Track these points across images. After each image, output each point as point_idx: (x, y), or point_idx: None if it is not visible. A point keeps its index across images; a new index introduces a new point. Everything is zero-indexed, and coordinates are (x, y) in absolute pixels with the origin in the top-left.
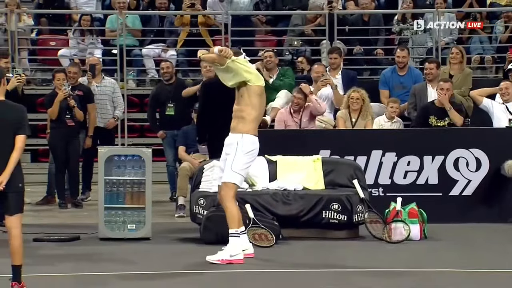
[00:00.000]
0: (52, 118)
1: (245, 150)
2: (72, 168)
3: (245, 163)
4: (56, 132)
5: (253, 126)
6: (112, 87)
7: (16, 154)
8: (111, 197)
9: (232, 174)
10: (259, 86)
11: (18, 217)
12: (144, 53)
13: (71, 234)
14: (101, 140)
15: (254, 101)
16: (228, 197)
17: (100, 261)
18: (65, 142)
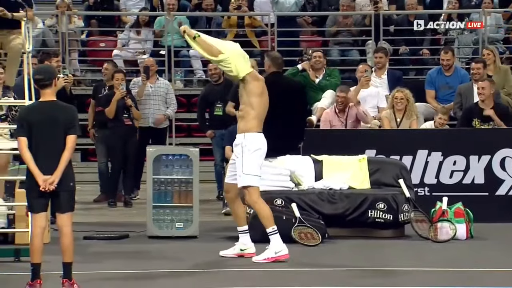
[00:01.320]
0: (109, 118)
1: (251, 148)
2: (129, 167)
3: (255, 162)
4: (114, 131)
5: (255, 124)
6: (166, 88)
7: (67, 154)
8: (159, 196)
9: (246, 178)
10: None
11: (69, 216)
12: (192, 53)
13: (120, 232)
14: (153, 140)
15: (253, 100)
16: (253, 200)
17: (148, 259)
18: (123, 141)
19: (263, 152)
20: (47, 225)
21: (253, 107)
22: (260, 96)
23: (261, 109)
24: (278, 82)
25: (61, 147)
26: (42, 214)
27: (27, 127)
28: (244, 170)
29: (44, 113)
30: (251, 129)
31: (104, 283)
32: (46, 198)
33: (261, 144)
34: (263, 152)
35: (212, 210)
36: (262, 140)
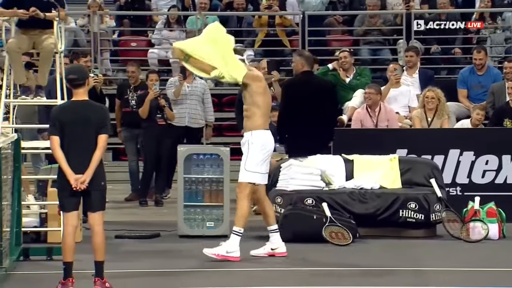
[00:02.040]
0: (143, 118)
1: (257, 146)
2: (162, 167)
3: (260, 159)
4: (147, 131)
5: (261, 122)
6: (203, 88)
7: (99, 153)
8: (190, 195)
9: (246, 174)
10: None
11: (101, 214)
12: None
13: (151, 231)
14: (188, 139)
15: (257, 99)
16: (241, 195)
17: (179, 257)
18: (156, 141)
19: (269, 149)
20: (79, 224)
21: (258, 106)
22: (263, 94)
23: (266, 107)
24: (309, 81)
25: (92, 147)
26: (74, 213)
27: (59, 127)
28: (246, 167)
29: (76, 113)
30: (258, 127)
31: (135, 281)
32: (77, 197)
33: (267, 141)
34: (269, 150)
35: None
36: (268, 138)
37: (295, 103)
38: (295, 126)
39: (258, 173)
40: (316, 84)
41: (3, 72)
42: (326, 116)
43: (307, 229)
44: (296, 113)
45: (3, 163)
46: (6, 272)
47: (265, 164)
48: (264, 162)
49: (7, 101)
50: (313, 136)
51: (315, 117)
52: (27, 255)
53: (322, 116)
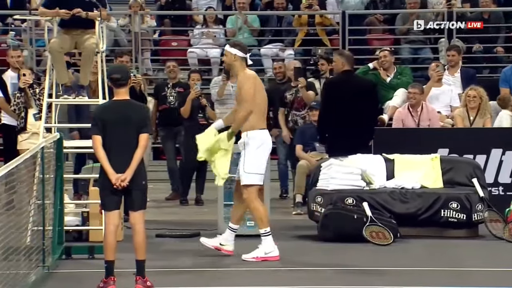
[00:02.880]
0: (184, 117)
1: (254, 146)
2: (203, 166)
3: (258, 159)
4: (189, 130)
5: (256, 121)
6: None
7: (140, 152)
8: (230, 194)
9: (247, 176)
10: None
11: (142, 213)
12: (263, 52)
13: (192, 230)
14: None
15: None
16: (250, 199)
17: (220, 256)
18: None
19: (266, 148)
20: (120, 223)
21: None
22: (256, 93)
23: (261, 106)
24: (349, 80)
25: (133, 146)
26: (115, 212)
27: (101, 126)
28: (245, 169)
29: (117, 112)
30: (253, 127)
31: (176, 280)
32: (118, 196)
33: (264, 139)
34: (267, 148)
35: (280, 208)
36: (265, 136)
37: (335, 103)
38: (335, 125)
39: (259, 174)
40: (356, 83)
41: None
42: (366, 115)
43: (348, 229)
44: (336, 112)
45: (45, 162)
46: (48, 271)
47: (264, 164)
48: (262, 163)
49: (49, 101)
50: (353, 136)
51: (356, 116)
52: (69, 253)
53: (362, 115)
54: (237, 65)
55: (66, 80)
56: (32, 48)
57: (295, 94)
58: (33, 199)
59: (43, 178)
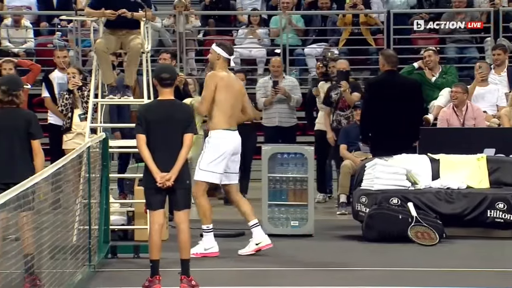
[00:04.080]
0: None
1: (212, 145)
2: (247, 165)
3: (213, 159)
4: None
5: (220, 121)
6: (291, 86)
7: (185, 152)
8: (274, 194)
9: (199, 173)
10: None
11: (186, 213)
12: (307, 52)
13: (236, 230)
14: (282, 139)
15: (215, 97)
16: (197, 195)
17: (263, 256)
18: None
19: (225, 150)
20: (165, 222)
21: (216, 104)
22: (222, 92)
23: (226, 105)
24: (393, 80)
25: (178, 145)
26: (160, 211)
27: (146, 125)
28: (200, 166)
29: (162, 112)
30: (216, 126)
31: (220, 279)
32: (163, 195)
33: (222, 140)
34: (225, 150)
35: (325, 208)
36: (224, 135)
37: (377, 102)
38: (378, 125)
39: (211, 172)
40: (400, 83)
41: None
42: (411, 115)
43: (393, 229)
44: (379, 112)
45: (91, 162)
46: (94, 270)
47: (221, 163)
48: (219, 162)
49: (95, 101)
50: (398, 136)
51: (400, 116)
52: (115, 252)
53: (407, 115)
54: (219, 63)
55: (111, 80)
56: (78, 48)
57: (340, 94)
58: (79, 198)
59: (89, 177)
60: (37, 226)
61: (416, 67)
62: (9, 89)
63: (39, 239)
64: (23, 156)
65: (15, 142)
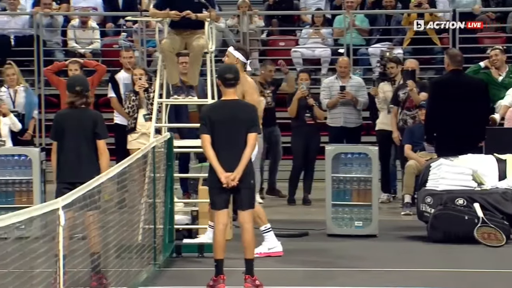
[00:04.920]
0: (291, 117)
1: None
2: (310, 165)
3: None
4: (296, 130)
5: None
6: (357, 87)
7: (249, 151)
8: (338, 194)
9: None
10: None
11: (250, 213)
12: (371, 51)
13: (300, 230)
14: (347, 139)
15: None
16: None
17: (328, 256)
18: (305, 140)
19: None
20: (229, 222)
21: None
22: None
23: None
24: (457, 80)
25: (242, 145)
26: (224, 211)
27: (210, 125)
28: None
29: (226, 112)
30: None
31: (284, 279)
32: (227, 195)
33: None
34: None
35: (389, 208)
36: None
37: (442, 102)
38: (443, 125)
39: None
40: (465, 82)
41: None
42: (477, 115)
43: (458, 230)
44: (444, 112)
45: (156, 161)
46: (159, 269)
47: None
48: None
49: (160, 101)
50: (463, 136)
51: (465, 116)
52: (179, 252)
53: (472, 115)
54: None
55: (177, 80)
56: (143, 49)
57: (407, 93)
58: (144, 198)
59: (154, 177)
60: (103, 225)
61: (482, 67)
62: (82, 90)
63: (105, 238)
64: (90, 156)
65: (82, 142)
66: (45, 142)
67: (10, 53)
